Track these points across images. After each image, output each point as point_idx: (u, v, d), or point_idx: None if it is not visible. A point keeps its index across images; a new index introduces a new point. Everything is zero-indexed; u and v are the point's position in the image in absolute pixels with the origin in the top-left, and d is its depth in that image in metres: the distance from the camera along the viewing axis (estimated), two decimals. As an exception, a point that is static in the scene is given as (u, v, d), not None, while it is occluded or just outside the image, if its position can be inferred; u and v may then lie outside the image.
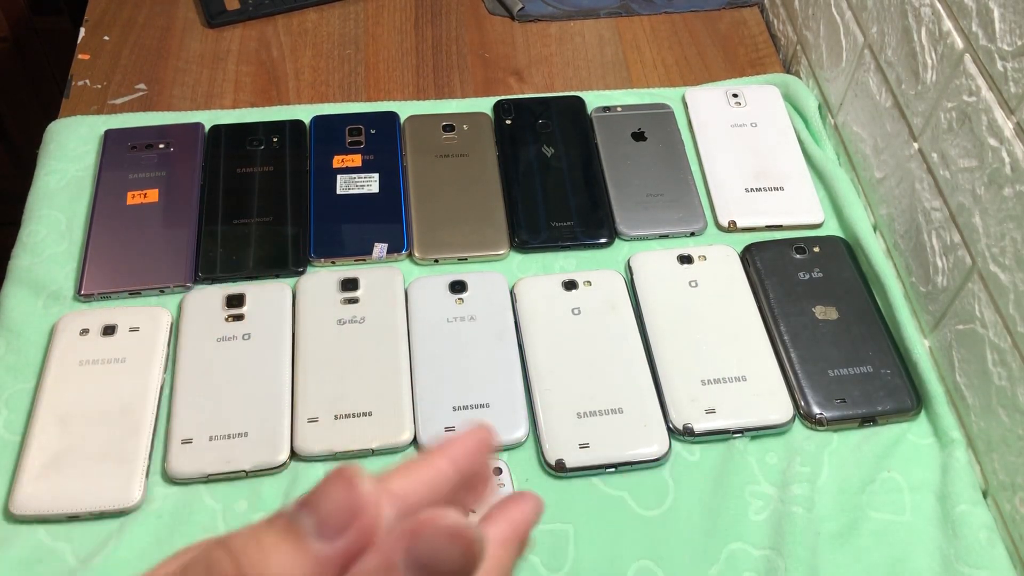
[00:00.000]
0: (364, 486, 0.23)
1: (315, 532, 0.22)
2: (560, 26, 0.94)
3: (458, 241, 0.74)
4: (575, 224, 0.75)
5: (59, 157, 0.78)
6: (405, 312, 0.69)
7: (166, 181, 0.76)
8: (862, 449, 0.64)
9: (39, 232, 0.73)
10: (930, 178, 0.67)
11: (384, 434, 0.62)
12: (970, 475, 0.62)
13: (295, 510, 0.23)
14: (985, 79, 0.60)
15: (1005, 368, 0.59)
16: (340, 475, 0.23)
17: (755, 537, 0.59)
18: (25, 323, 0.68)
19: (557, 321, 0.68)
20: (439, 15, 0.94)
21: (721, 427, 0.63)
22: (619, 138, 0.81)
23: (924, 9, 0.66)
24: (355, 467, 0.23)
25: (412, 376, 0.65)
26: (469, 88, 0.87)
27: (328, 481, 0.23)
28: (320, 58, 0.89)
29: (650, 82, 0.88)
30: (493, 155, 0.80)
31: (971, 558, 0.58)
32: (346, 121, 0.82)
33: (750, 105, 0.84)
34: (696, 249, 0.73)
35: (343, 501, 0.22)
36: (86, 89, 0.85)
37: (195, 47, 0.89)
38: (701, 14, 0.95)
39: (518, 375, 0.66)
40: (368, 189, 0.77)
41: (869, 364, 0.66)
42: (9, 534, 0.58)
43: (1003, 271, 0.59)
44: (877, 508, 0.61)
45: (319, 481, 0.23)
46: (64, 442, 0.61)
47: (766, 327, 0.69)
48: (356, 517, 0.22)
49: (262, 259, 0.72)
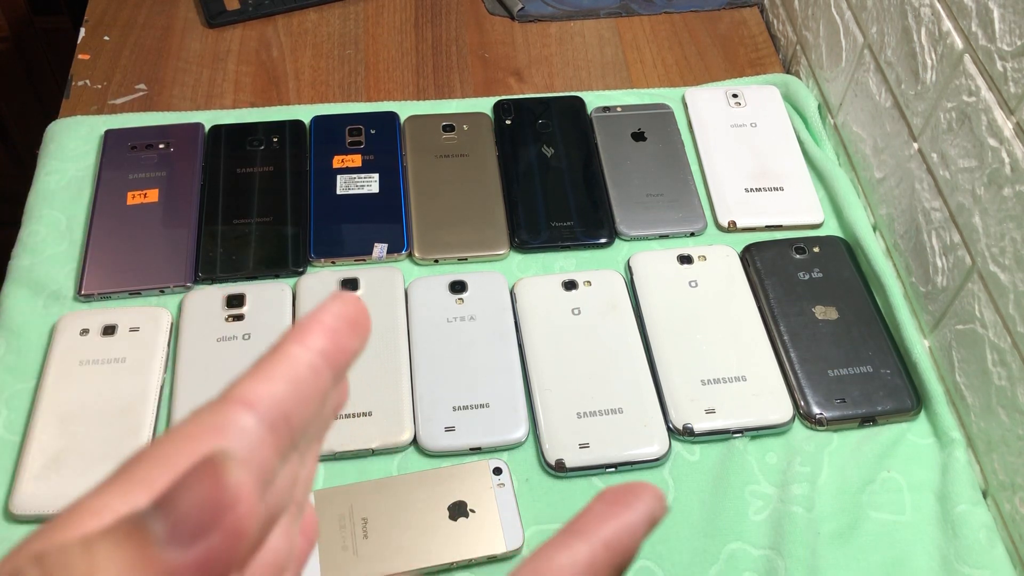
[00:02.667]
0: (233, 475, 0.18)
1: (166, 539, 0.17)
2: (560, 26, 0.94)
3: (458, 241, 0.74)
4: (575, 224, 0.75)
5: (59, 157, 0.78)
6: (405, 312, 0.69)
7: (166, 181, 0.76)
8: (862, 449, 0.64)
9: (39, 232, 0.73)
10: (930, 178, 0.67)
11: (384, 434, 0.62)
12: (970, 475, 0.62)
13: (144, 511, 0.18)
14: (985, 79, 0.60)
15: (1005, 368, 0.59)
16: (206, 465, 0.18)
17: (755, 537, 0.59)
18: (25, 323, 0.68)
19: (557, 321, 0.68)
20: (439, 15, 0.94)
21: (721, 427, 0.63)
22: (619, 138, 0.81)
23: (924, 9, 0.66)
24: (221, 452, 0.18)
25: (412, 376, 0.65)
26: (469, 88, 0.87)
27: (189, 471, 0.18)
28: (320, 58, 0.89)
29: (650, 82, 0.88)
30: (493, 155, 0.80)
31: (971, 558, 0.58)
32: (346, 121, 0.82)
33: (750, 105, 0.84)
34: (696, 249, 0.73)
35: (205, 496, 0.17)
36: (86, 89, 0.85)
37: (195, 47, 0.89)
38: (701, 14, 0.95)
39: (518, 375, 0.66)
40: (368, 189, 0.77)
41: (869, 364, 0.66)
42: (9, 534, 0.58)
43: (1003, 271, 0.59)
44: (877, 508, 0.61)
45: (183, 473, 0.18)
46: (64, 442, 0.61)
47: (766, 327, 0.69)
48: (221, 517, 0.18)
49: (262, 259, 0.72)
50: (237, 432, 0.20)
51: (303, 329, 0.22)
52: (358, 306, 0.23)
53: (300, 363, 0.21)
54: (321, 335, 0.22)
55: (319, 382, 0.21)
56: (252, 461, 0.19)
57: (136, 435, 0.61)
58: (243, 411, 0.20)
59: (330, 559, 0.57)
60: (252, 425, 0.20)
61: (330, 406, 0.23)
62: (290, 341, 0.21)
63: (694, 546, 0.59)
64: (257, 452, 0.20)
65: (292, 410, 0.21)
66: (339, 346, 0.22)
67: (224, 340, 0.66)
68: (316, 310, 0.22)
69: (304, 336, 0.22)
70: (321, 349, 0.22)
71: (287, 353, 0.21)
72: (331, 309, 0.22)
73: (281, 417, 0.20)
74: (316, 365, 0.21)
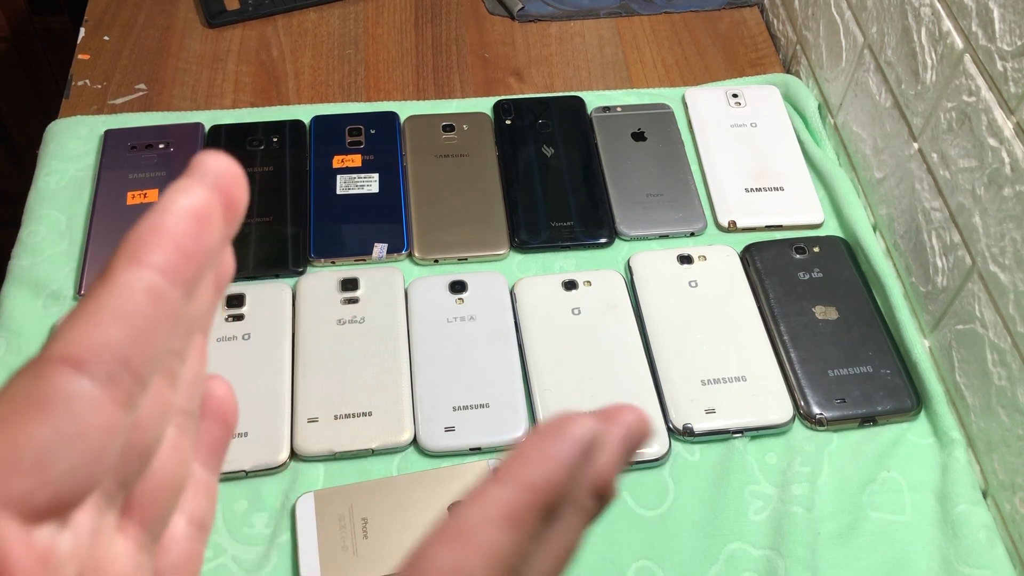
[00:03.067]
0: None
1: None
2: (560, 26, 0.94)
3: (458, 241, 0.74)
4: (575, 224, 0.75)
5: (59, 157, 0.78)
6: (405, 312, 0.69)
7: (166, 181, 0.76)
8: (862, 449, 0.64)
9: (39, 232, 0.73)
10: (930, 178, 0.67)
11: (384, 434, 0.62)
12: (970, 475, 0.62)
13: None
14: (985, 79, 0.60)
15: (1005, 368, 0.59)
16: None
17: (755, 537, 0.59)
18: (25, 323, 0.68)
19: (557, 321, 0.68)
20: (439, 15, 0.94)
21: (721, 427, 0.63)
22: (619, 138, 0.81)
23: (924, 9, 0.66)
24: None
25: (412, 376, 0.65)
26: (469, 88, 0.87)
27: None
28: (320, 58, 0.89)
29: (650, 82, 0.88)
30: (493, 155, 0.80)
31: (971, 558, 0.58)
32: (346, 121, 0.82)
33: (750, 105, 0.84)
34: (696, 249, 0.73)
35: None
36: (86, 89, 0.85)
37: (195, 47, 0.89)
38: (701, 14, 0.95)
39: (518, 375, 0.66)
40: (368, 189, 0.77)
41: (869, 364, 0.66)
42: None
43: (1003, 271, 0.59)
44: (877, 508, 0.61)
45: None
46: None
47: (766, 327, 0.69)
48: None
49: (262, 259, 0.72)
50: (64, 403, 0.16)
51: (136, 243, 0.18)
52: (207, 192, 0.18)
53: (135, 293, 0.17)
54: (160, 247, 0.18)
55: (164, 307, 0.18)
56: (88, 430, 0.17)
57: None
58: (70, 373, 0.17)
59: (330, 559, 0.57)
60: (84, 389, 0.17)
61: (204, 298, 0.20)
62: (121, 263, 0.17)
63: (694, 546, 0.59)
64: (95, 416, 0.17)
65: (131, 352, 0.17)
66: (189, 251, 0.18)
67: (224, 340, 0.66)
68: (158, 204, 0.18)
69: (138, 252, 0.17)
70: (162, 265, 0.17)
71: (117, 281, 0.17)
72: (175, 202, 0.18)
73: (119, 364, 0.17)
74: (157, 288, 0.17)
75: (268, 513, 0.60)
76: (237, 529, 0.59)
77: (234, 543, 0.59)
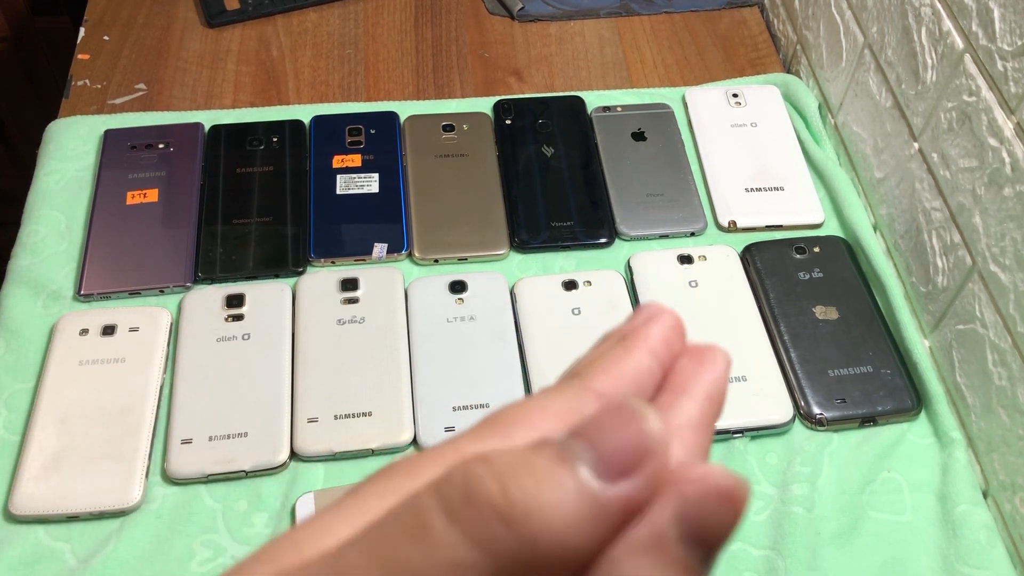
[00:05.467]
0: (652, 424, 0.18)
1: (593, 469, 0.18)
2: (560, 26, 0.94)
3: (458, 241, 0.74)
4: (575, 224, 0.75)
5: (59, 157, 0.78)
6: (405, 312, 0.69)
7: (166, 181, 0.76)
8: (862, 449, 0.64)
9: (39, 232, 0.73)
10: (930, 178, 0.67)
11: (384, 434, 0.62)
12: (970, 475, 0.62)
13: (567, 440, 0.18)
14: (985, 79, 0.60)
15: (1005, 368, 0.59)
16: (622, 409, 0.19)
17: (755, 537, 0.59)
18: (25, 323, 0.68)
19: (557, 321, 0.68)
20: (439, 15, 0.94)
21: (721, 427, 0.63)
22: (619, 138, 0.81)
23: (924, 9, 0.66)
24: (635, 402, 0.19)
25: (412, 376, 0.65)
26: (469, 88, 0.87)
27: (608, 413, 0.19)
28: (320, 58, 0.89)
29: (650, 82, 0.88)
30: (493, 155, 0.80)
31: (971, 558, 0.58)
32: (346, 121, 0.81)
33: (750, 105, 0.84)
34: (696, 249, 0.73)
35: (629, 438, 0.18)
36: (86, 89, 0.85)
37: (195, 47, 0.89)
38: (701, 14, 0.95)
39: (518, 375, 0.66)
40: (368, 189, 0.77)
41: (869, 364, 0.66)
42: (9, 534, 0.58)
43: (1003, 271, 0.59)
44: (877, 508, 0.61)
45: (594, 413, 0.19)
46: (64, 442, 0.61)
47: (766, 327, 0.69)
48: (643, 461, 0.18)
49: (262, 259, 0.72)
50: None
51: (645, 334, 0.23)
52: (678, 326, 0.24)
53: (643, 366, 0.22)
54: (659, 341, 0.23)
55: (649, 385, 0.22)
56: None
57: (135, 435, 0.61)
58: (597, 405, 0.20)
59: (330, 559, 0.57)
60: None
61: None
62: (638, 342, 0.23)
63: (694, 546, 0.59)
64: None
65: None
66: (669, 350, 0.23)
67: (224, 340, 0.66)
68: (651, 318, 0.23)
69: (648, 340, 0.23)
70: (660, 357, 0.23)
71: (635, 354, 0.22)
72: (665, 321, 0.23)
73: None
74: (653, 370, 0.22)
75: (268, 513, 0.60)
76: (237, 529, 0.59)
77: (234, 543, 0.59)
